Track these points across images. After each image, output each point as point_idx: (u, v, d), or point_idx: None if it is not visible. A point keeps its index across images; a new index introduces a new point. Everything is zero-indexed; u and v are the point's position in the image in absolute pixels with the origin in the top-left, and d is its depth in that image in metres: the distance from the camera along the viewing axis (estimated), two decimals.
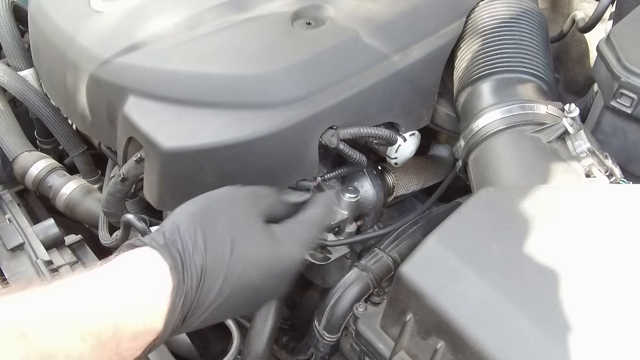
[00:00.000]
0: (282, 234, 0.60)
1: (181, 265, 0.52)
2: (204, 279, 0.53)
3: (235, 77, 0.75)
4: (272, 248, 0.57)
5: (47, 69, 0.95)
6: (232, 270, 0.54)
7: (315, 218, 0.65)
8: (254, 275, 0.55)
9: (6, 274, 0.89)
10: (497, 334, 0.49)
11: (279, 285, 0.59)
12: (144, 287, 0.51)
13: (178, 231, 0.54)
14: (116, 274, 0.51)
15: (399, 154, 0.86)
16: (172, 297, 0.51)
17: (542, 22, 0.87)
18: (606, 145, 0.75)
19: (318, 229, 0.65)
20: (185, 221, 0.55)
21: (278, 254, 0.58)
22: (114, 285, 0.50)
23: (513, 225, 0.56)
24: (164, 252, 0.52)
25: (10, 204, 1.05)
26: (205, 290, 0.53)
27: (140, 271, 0.52)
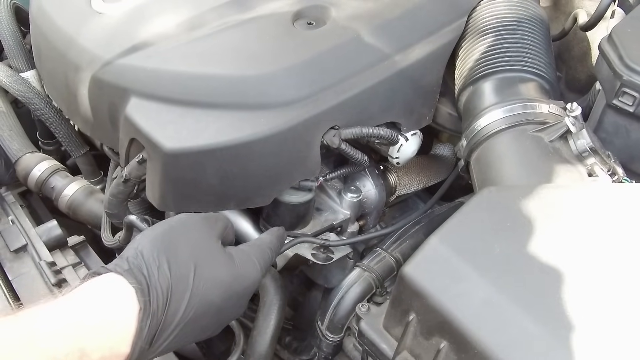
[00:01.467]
0: (240, 256, 0.63)
1: (147, 288, 0.53)
2: (170, 300, 0.54)
3: (237, 78, 0.75)
4: (232, 269, 0.60)
5: (48, 71, 0.95)
6: (196, 291, 0.56)
7: (268, 243, 0.68)
8: (215, 295, 0.58)
9: (10, 276, 0.89)
10: (500, 333, 0.49)
11: (238, 304, 0.62)
12: (110, 311, 0.52)
13: (142, 256, 0.56)
14: (82, 300, 0.52)
15: (400, 154, 0.86)
16: (138, 320, 0.52)
17: (543, 21, 0.87)
18: (608, 144, 0.75)
19: (271, 253, 0.67)
20: (148, 246, 0.57)
21: (237, 274, 0.60)
22: (79, 310, 0.51)
23: (515, 225, 0.56)
24: (129, 277, 0.54)
25: (13, 205, 1.05)
26: (172, 311, 0.54)
27: (105, 296, 0.53)
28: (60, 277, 0.89)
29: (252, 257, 0.64)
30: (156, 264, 0.55)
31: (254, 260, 0.63)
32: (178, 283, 0.55)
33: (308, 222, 0.85)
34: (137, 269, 0.55)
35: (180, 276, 0.56)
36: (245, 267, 0.62)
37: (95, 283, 0.54)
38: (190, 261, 0.57)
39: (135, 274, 0.54)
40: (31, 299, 0.84)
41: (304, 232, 0.84)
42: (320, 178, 0.81)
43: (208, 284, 0.57)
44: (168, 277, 0.55)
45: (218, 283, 0.58)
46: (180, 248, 0.58)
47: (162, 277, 0.55)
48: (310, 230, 0.84)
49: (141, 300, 0.52)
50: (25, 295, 0.85)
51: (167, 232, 0.60)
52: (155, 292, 0.54)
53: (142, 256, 0.56)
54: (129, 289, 0.53)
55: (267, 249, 0.67)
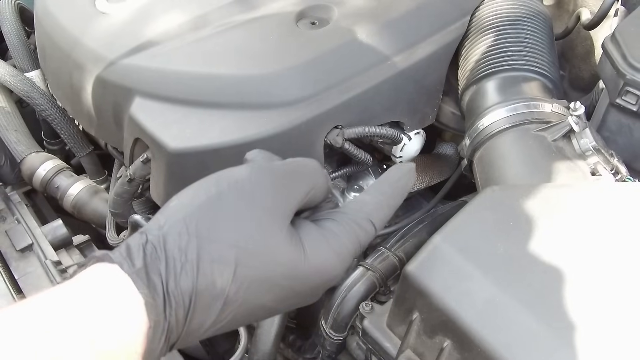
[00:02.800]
0: (315, 241, 0.45)
1: (162, 296, 0.39)
2: (194, 310, 0.40)
3: (241, 78, 0.75)
4: (295, 265, 0.43)
5: (53, 70, 0.95)
6: (234, 295, 0.41)
7: (366, 212, 0.47)
8: (266, 298, 0.43)
9: (16, 275, 0.89)
10: (504, 333, 0.49)
11: (300, 302, 0.46)
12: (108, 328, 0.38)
13: (164, 244, 0.41)
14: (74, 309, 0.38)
15: (404, 153, 0.86)
16: (148, 339, 0.39)
17: (546, 20, 0.87)
18: (612, 143, 0.75)
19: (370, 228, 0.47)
20: (177, 228, 0.41)
21: (302, 272, 0.43)
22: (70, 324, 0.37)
23: (519, 224, 0.56)
24: (139, 281, 0.39)
25: (18, 204, 1.05)
26: (196, 322, 0.41)
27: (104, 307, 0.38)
28: (66, 276, 0.89)
29: (334, 243, 0.45)
30: (181, 260, 0.40)
31: (335, 249, 0.45)
32: (207, 288, 0.40)
33: None
34: (154, 266, 0.40)
35: (213, 278, 0.41)
36: (318, 260, 0.44)
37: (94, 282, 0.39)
38: (232, 256, 0.41)
39: (149, 273, 0.39)
40: None
41: None
42: None
43: (254, 288, 0.42)
44: (194, 280, 0.40)
45: (269, 286, 0.43)
46: (221, 234, 0.42)
47: (186, 279, 0.40)
48: None
49: (152, 317, 0.39)
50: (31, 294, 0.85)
51: (210, 205, 0.43)
52: (173, 302, 0.40)
53: (165, 244, 0.41)
54: (136, 298, 0.39)
55: (364, 225, 0.46)
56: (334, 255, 0.45)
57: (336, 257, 0.45)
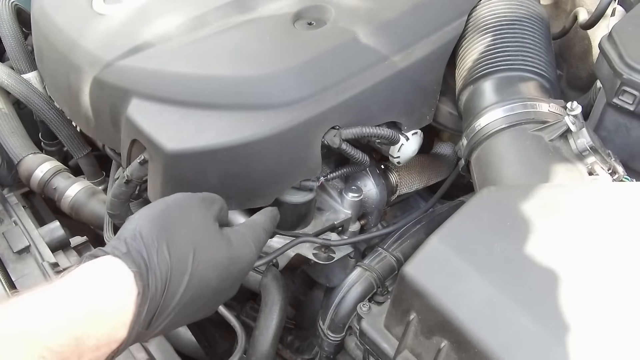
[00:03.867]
0: (236, 237, 0.62)
1: (146, 271, 0.52)
2: (169, 282, 0.53)
3: (238, 79, 0.75)
4: (229, 250, 0.60)
5: (50, 72, 0.95)
6: (195, 273, 0.55)
7: (262, 223, 0.67)
8: (213, 277, 0.57)
9: (13, 277, 0.89)
10: (501, 333, 0.49)
11: (233, 285, 0.61)
12: (107, 297, 0.50)
13: (141, 238, 0.55)
14: (77, 286, 0.51)
15: (401, 153, 0.86)
16: (136, 305, 0.51)
17: (544, 20, 0.87)
18: (609, 143, 0.75)
19: (265, 234, 0.67)
20: (147, 228, 0.56)
21: (234, 256, 0.60)
22: (74, 297, 0.49)
23: (516, 225, 0.56)
24: (128, 260, 0.52)
25: (15, 206, 1.05)
26: (170, 294, 0.54)
27: (102, 281, 0.51)
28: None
29: (247, 238, 0.63)
30: (155, 247, 0.54)
31: (249, 242, 0.63)
32: (177, 266, 0.54)
33: (309, 222, 0.86)
34: (136, 252, 0.53)
35: (180, 259, 0.55)
36: (241, 248, 0.62)
37: (92, 266, 0.52)
38: (189, 243, 0.56)
39: (134, 257, 0.53)
40: None
41: (305, 232, 0.84)
42: (321, 178, 0.81)
43: (206, 266, 0.57)
44: (167, 260, 0.54)
45: (216, 265, 0.58)
46: (178, 230, 0.57)
47: (162, 260, 0.54)
48: (311, 230, 0.85)
49: (139, 285, 0.51)
50: None
51: (165, 213, 0.58)
52: (154, 276, 0.53)
53: (141, 238, 0.55)
54: (127, 273, 0.52)
55: (261, 230, 0.66)
56: (248, 246, 0.63)
57: (250, 247, 0.63)
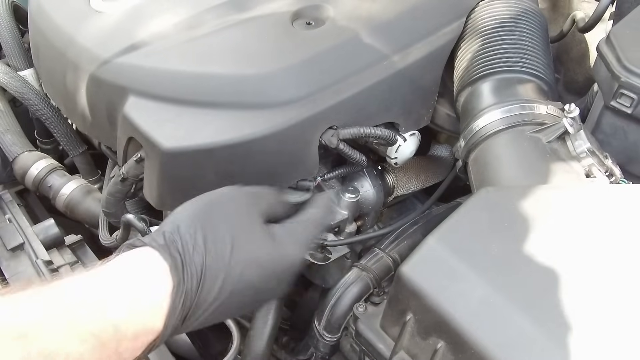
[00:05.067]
0: (282, 234, 0.60)
1: (181, 265, 0.52)
2: (204, 279, 0.53)
3: (235, 77, 0.75)
4: (273, 248, 0.58)
5: (47, 69, 0.95)
6: (232, 270, 0.54)
7: (314, 218, 0.65)
8: (254, 275, 0.56)
9: (6, 274, 0.89)
10: (497, 334, 0.49)
11: (278, 285, 0.60)
12: (144, 287, 0.51)
13: (178, 231, 0.54)
14: (116, 274, 0.51)
15: (399, 154, 0.86)
16: (172, 297, 0.51)
17: (542, 22, 0.87)
18: (606, 145, 0.75)
19: (318, 229, 0.65)
20: (186, 221, 0.55)
21: (278, 255, 0.58)
22: (113, 285, 0.50)
23: (513, 226, 0.56)
24: (164, 252, 0.52)
25: (10, 204, 1.05)
26: (206, 290, 0.53)
27: (140, 271, 0.52)
28: (57, 276, 0.89)
29: (295, 235, 0.61)
30: (192, 241, 0.54)
31: (298, 239, 0.61)
32: (213, 262, 0.54)
33: None
34: (173, 245, 0.53)
35: (216, 255, 0.54)
36: (287, 247, 0.59)
37: (129, 257, 0.53)
38: (228, 239, 0.55)
39: (170, 249, 0.53)
40: None
41: None
42: (319, 178, 0.81)
43: (246, 264, 0.55)
44: (203, 256, 0.53)
45: (257, 263, 0.56)
46: (218, 225, 0.56)
47: (197, 255, 0.53)
48: None
49: (175, 278, 0.51)
50: None
51: (207, 207, 0.58)
52: (189, 270, 0.52)
53: (179, 231, 0.54)
54: (163, 265, 0.52)
55: (312, 226, 0.64)
56: (296, 244, 0.60)
57: (298, 246, 0.61)
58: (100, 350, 0.46)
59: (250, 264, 0.56)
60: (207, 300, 0.54)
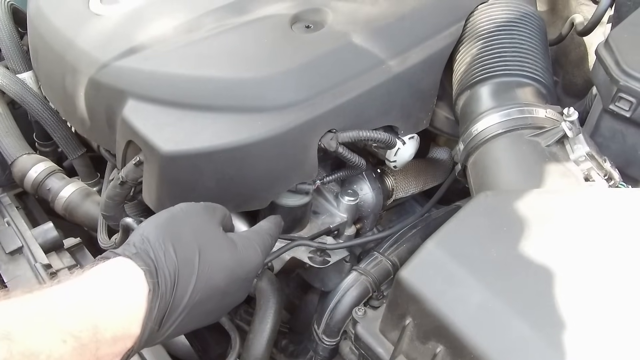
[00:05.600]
0: (242, 241, 0.64)
1: (155, 270, 0.55)
2: (177, 283, 0.56)
3: (234, 81, 0.75)
4: (235, 253, 0.61)
5: (46, 72, 0.95)
6: (201, 274, 0.57)
7: (267, 229, 0.69)
8: (220, 278, 0.59)
9: (5, 278, 0.89)
10: (496, 338, 0.49)
11: (241, 288, 0.63)
12: (121, 291, 0.53)
13: (148, 241, 0.57)
14: (94, 280, 0.53)
15: (398, 157, 0.86)
16: (148, 301, 0.53)
17: (540, 26, 0.87)
18: (605, 149, 0.75)
19: (272, 239, 0.68)
20: (154, 232, 0.58)
21: (240, 258, 0.62)
22: (92, 289, 0.52)
23: (512, 230, 0.56)
24: (138, 260, 0.55)
25: (9, 207, 1.05)
26: (179, 293, 0.56)
27: (116, 277, 0.54)
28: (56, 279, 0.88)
29: (253, 242, 0.65)
30: (162, 249, 0.57)
31: (255, 245, 0.64)
32: (184, 266, 0.56)
33: (305, 225, 0.85)
34: (145, 253, 0.56)
35: (186, 260, 0.57)
36: (248, 251, 0.63)
37: (105, 265, 0.55)
38: (195, 246, 0.58)
39: (143, 257, 0.55)
40: None
41: (300, 235, 0.84)
42: (318, 181, 0.81)
43: (212, 268, 0.58)
44: (174, 261, 0.56)
45: (222, 267, 0.59)
46: (184, 233, 0.59)
47: (169, 260, 0.56)
48: (307, 234, 0.84)
49: (150, 282, 0.54)
50: None
51: (170, 219, 0.61)
52: (163, 275, 0.55)
53: (149, 241, 0.57)
54: (138, 271, 0.54)
55: (266, 235, 0.68)
56: (255, 250, 0.64)
57: (257, 252, 0.64)
58: (80, 352, 0.47)
59: (216, 268, 0.59)
60: (181, 304, 0.56)
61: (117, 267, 0.55)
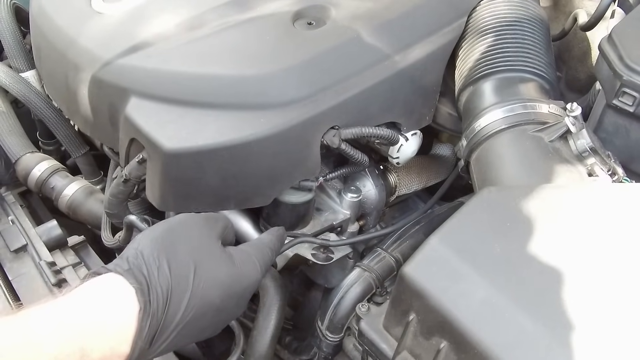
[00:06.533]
0: (240, 256, 0.62)
1: (147, 288, 0.53)
2: (170, 300, 0.54)
3: (237, 78, 0.75)
4: (232, 269, 0.60)
5: (48, 70, 0.95)
6: (196, 291, 0.56)
7: (268, 243, 0.68)
8: (215, 295, 0.57)
9: (10, 276, 0.89)
10: (500, 333, 0.49)
11: (237, 304, 0.61)
12: (110, 310, 0.52)
13: (142, 256, 0.56)
14: (82, 300, 0.52)
15: (400, 154, 0.86)
16: (138, 320, 0.52)
17: (543, 21, 0.87)
18: (608, 144, 0.75)
19: (272, 253, 0.67)
20: (149, 246, 0.57)
21: (237, 275, 0.60)
22: (79, 310, 0.51)
23: (515, 225, 0.56)
24: (129, 277, 0.54)
25: (13, 205, 1.05)
26: (172, 311, 0.54)
27: (105, 296, 0.53)
28: (60, 277, 0.89)
29: (252, 257, 0.63)
30: (156, 264, 0.55)
31: (254, 260, 0.63)
32: (178, 283, 0.55)
33: (308, 222, 0.85)
34: (137, 269, 0.55)
35: (180, 276, 0.56)
36: (245, 267, 0.62)
37: (95, 283, 0.54)
38: (190, 261, 0.57)
39: (135, 274, 0.54)
40: (31, 299, 0.84)
41: (304, 232, 0.84)
42: (320, 178, 0.81)
43: (208, 284, 0.57)
44: (168, 278, 0.55)
45: (218, 283, 0.58)
46: (180, 248, 0.58)
47: (162, 277, 0.55)
48: (310, 230, 0.84)
49: (141, 300, 0.52)
50: (25, 295, 0.85)
51: (167, 232, 0.60)
52: (155, 292, 0.54)
53: (142, 256, 0.56)
54: (129, 289, 0.53)
55: (267, 249, 0.67)
56: (253, 266, 0.63)
57: (255, 267, 0.63)
58: None
59: (212, 285, 0.57)
60: (174, 321, 0.55)
61: (107, 284, 0.54)
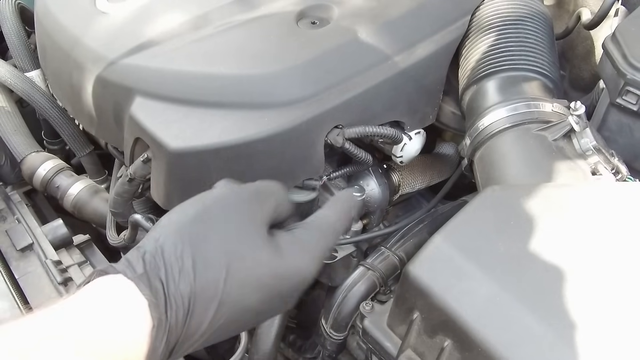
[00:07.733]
0: (290, 245, 0.50)
1: (163, 299, 0.43)
2: (192, 311, 0.44)
3: (241, 77, 0.75)
4: (278, 265, 0.48)
5: (53, 70, 0.95)
6: (227, 297, 0.45)
7: (329, 222, 0.53)
8: (254, 299, 0.47)
9: (16, 274, 0.89)
10: (504, 332, 0.49)
11: (283, 304, 0.51)
12: (117, 328, 0.41)
13: (162, 253, 0.45)
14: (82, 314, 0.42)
15: (404, 153, 0.86)
16: (151, 338, 0.42)
17: (547, 20, 0.87)
18: (612, 143, 0.75)
19: (333, 235, 0.53)
20: (172, 239, 0.46)
21: (283, 272, 0.48)
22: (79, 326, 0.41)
23: (519, 224, 0.56)
24: (142, 285, 0.43)
25: (18, 204, 1.05)
26: (195, 322, 0.45)
27: (112, 309, 0.42)
28: (66, 275, 0.89)
29: (306, 246, 0.50)
30: (178, 265, 0.44)
31: (307, 250, 0.50)
32: (203, 290, 0.45)
33: None
34: (154, 273, 0.44)
35: (208, 281, 0.45)
36: (295, 260, 0.49)
37: (100, 289, 0.43)
38: (223, 260, 0.46)
39: (150, 279, 0.44)
40: (37, 297, 0.85)
41: None
42: (324, 177, 0.81)
43: (244, 288, 0.46)
44: (192, 283, 0.44)
45: (258, 285, 0.47)
46: (212, 241, 0.46)
47: (184, 282, 0.44)
48: None
49: (155, 317, 0.42)
50: (31, 294, 0.86)
51: (199, 218, 0.48)
52: (174, 304, 0.43)
53: (163, 254, 0.45)
54: (140, 301, 0.42)
55: (329, 232, 0.53)
56: (307, 257, 0.50)
57: (309, 258, 0.50)
58: None
59: (249, 287, 0.46)
60: (197, 332, 0.45)
61: (113, 293, 0.43)
